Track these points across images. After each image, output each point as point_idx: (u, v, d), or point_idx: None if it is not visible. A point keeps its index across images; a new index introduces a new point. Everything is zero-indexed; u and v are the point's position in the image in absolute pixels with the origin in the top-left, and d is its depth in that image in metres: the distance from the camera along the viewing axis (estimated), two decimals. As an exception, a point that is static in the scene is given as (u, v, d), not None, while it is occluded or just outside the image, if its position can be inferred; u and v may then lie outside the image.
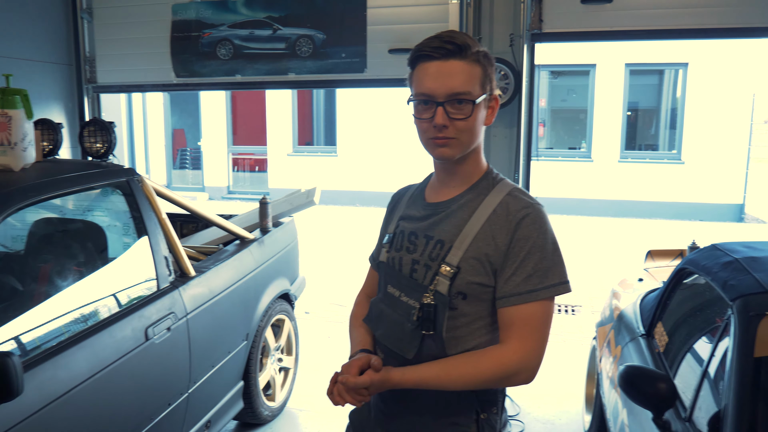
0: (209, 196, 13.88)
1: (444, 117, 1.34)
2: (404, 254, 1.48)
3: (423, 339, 1.39)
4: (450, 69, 1.34)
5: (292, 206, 4.02)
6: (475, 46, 1.36)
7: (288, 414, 3.75)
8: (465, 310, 1.38)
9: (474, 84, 1.35)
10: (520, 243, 1.34)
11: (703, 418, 1.79)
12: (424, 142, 1.41)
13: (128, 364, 2.26)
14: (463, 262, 1.36)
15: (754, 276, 1.88)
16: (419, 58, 1.38)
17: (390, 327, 1.47)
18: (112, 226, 2.64)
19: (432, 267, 1.40)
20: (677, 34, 4.18)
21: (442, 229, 1.42)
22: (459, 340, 1.39)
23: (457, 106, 1.34)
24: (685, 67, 11.33)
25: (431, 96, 1.35)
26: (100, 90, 5.15)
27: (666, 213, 11.32)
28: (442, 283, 1.37)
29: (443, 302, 1.37)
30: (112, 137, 2.67)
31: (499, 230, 1.36)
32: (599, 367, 3.09)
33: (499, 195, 1.40)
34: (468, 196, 1.43)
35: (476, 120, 1.37)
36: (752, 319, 1.72)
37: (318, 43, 4.59)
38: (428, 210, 1.49)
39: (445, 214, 1.44)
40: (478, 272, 1.36)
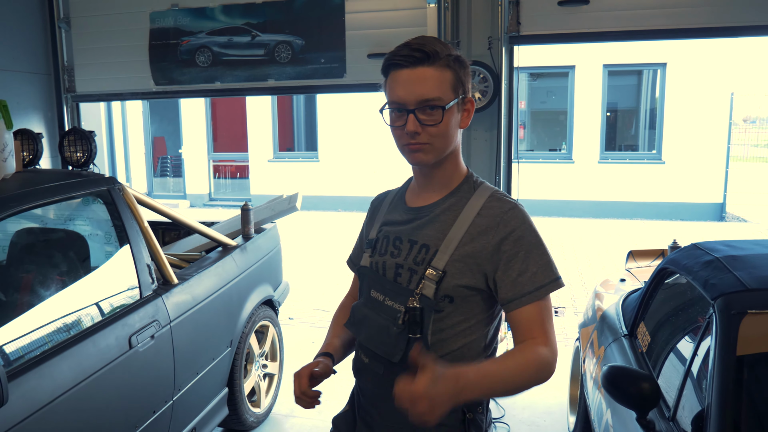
0: (191, 203, 13.78)
1: (415, 124, 1.35)
2: (388, 258, 1.48)
3: (409, 342, 1.39)
4: (419, 76, 1.35)
5: (274, 212, 4.00)
6: (445, 51, 1.37)
7: (273, 420, 3.74)
8: (451, 313, 1.39)
9: (444, 89, 1.36)
10: (516, 244, 1.36)
11: (686, 418, 1.80)
12: (400, 148, 1.43)
13: (112, 372, 2.24)
14: (450, 265, 1.37)
15: (735, 274, 1.89)
16: (390, 66, 1.39)
17: (374, 331, 1.46)
18: (94, 235, 2.61)
19: (417, 271, 1.41)
20: (654, 34, 4.23)
21: (426, 234, 1.43)
22: (445, 342, 1.40)
23: (428, 112, 1.35)
24: (664, 67, 11.45)
25: (402, 104, 1.36)
26: (80, 99, 5.10)
27: (647, 213, 11.44)
28: (428, 287, 1.38)
29: (429, 306, 1.38)
30: (92, 146, 2.65)
31: (486, 232, 1.37)
32: (583, 368, 3.11)
33: (482, 198, 1.42)
34: (450, 200, 1.45)
35: (448, 125, 1.38)
36: (734, 317, 1.73)
37: (297, 49, 4.59)
38: (410, 214, 1.50)
39: (428, 219, 1.45)
40: (464, 275, 1.37)
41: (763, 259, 1.99)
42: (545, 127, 13.21)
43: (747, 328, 1.70)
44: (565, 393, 3.74)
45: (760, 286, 1.80)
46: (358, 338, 1.55)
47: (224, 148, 14.43)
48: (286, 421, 3.74)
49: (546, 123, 13.19)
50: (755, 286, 1.80)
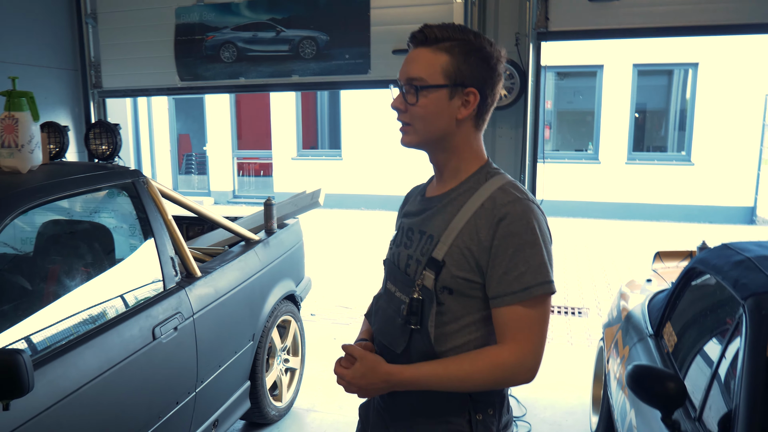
0: (215, 200, 13.91)
1: (398, 100, 1.39)
2: (402, 250, 1.49)
3: (411, 334, 1.39)
4: (414, 56, 1.37)
5: (297, 208, 4.01)
6: (453, 37, 1.35)
7: (295, 414, 3.75)
8: (452, 306, 1.36)
9: (432, 72, 1.34)
10: (508, 239, 1.31)
11: (713, 418, 1.76)
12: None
13: (136, 362, 2.26)
14: (448, 256, 1.35)
15: (767, 274, 1.85)
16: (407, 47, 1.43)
17: (384, 322, 1.49)
18: (119, 228, 2.64)
19: (422, 262, 1.40)
20: (685, 31, 4.14)
21: (433, 224, 1.42)
22: (448, 336, 1.37)
23: (410, 93, 1.37)
24: (695, 67, 11.22)
25: (398, 81, 1.41)
26: (106, 95, 5.16)
27: (675, 215, 11.23)
28: (428, 278, 1.37)
29: (429, 297, 1.37)
30: (117, 139, 2.68)
31: (483, 225, 1.33)
32: (606, 368, 3.07)
33: (490, 189, 1.37)
34: (460, 189, 1.42)
35: (428, 108, 1.36)
36: (765, 317, 1.69)
37: (321, 45, 4.59)
38: (423, 205, 1.50)
39: (437, 209, 1.44)
40: (462, 267, 1.34)
41: (795, 259, 1.94)
42: (571, 128, 13.06)
43: (778, 328, 1.65)
44: (588, 393, 3.69)
45: (792, 286, 1.75)
46: (373, 329, 1.57)
47: (248, 146, 14.56)
48: (307, 415, 3.75)
49: (572, 123, 13.03)
50: (787, 286, 1.75)
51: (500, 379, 1.32)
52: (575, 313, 5.80)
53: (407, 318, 1.39)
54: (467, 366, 1.32)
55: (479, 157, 1.45)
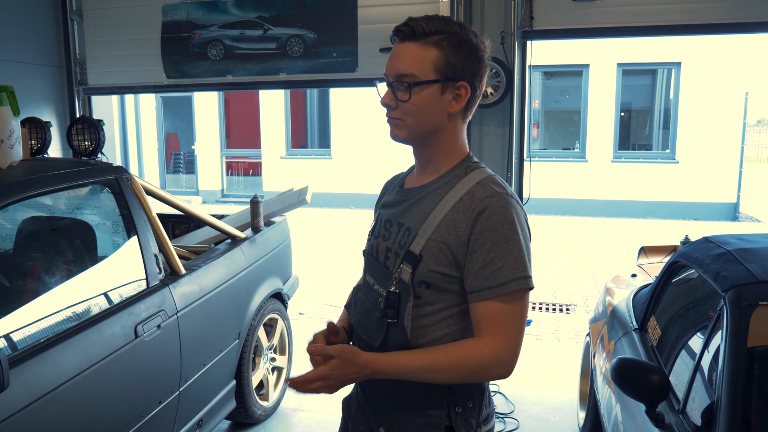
0: (203, 199, 13.85)
1: (389, 97, 1.37)
2: (381, 242, 1.47)
3: (388, 327, 1.38)
4: (401, 51, 1.35)
5: (284, 205, 4.00)
6: (441, 30, 1.33)
7: (281, 414, 3.73)
8: (429, 299, 1.36)
9: (423, 67, 1.33)
10: (485, 234, 1.30)
11: (696, 410, 1.77)
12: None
13: (117, 361, 2.24)
14: (425, 250, 1.34)
15: (746, 267, 1.87)
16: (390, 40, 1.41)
17: (362, 315, 1.48)
18: (102, 224, 2.62)
19: (400, 255, 1.39)
20: (669, 30, 4.18)
21: (411, 216, 1.41)
22: (425, 329, 1.37)
23: (402, 89, 1.34)
24: (678, 67, 11.35)
25: (386, 77, 1.38)
26: (91, 92, 5.11)
27: (660, 212, 11.34)
28: (405, 272, 1.36)
29: (406, 290, 1.36)
30: (100, 135, 2.65)
31: (462, 219, 1.32)
32: (593, 363, 3.08)
33: (469, 183, 1.36)
34: (438, 183, 1.41)
35: (421, 104, 1.34)
36: (745, 309, 1.71)
37: (309, 43, 4.58)
38: (401, 195, 1.48)
39: (414, 201, 1.43)
40: (439, 261, 1.33)
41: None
42: (558, 127, 13.13)
43: (758, 320, 1.68)
44: (575, 389, 3.71)
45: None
46: (352, 321, 1.55)
47: (237, 145, 14.50)
48: (294, 414, 3.74)
49: (559, 122, 13.11)
50: (767, 278, 1.77)
51: (474, 373, 1.31)
52: (563, 309, 5.83)
53: (384, 311, 1.38)
54: (442, 357, 1.31)
55: (461, 151, 1.44)
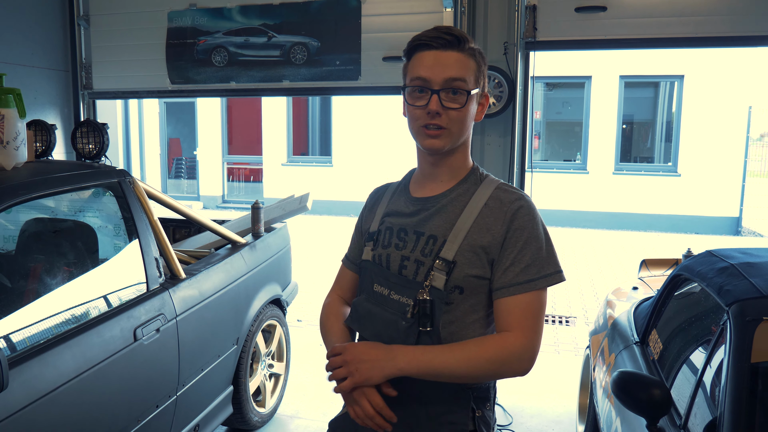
0: (204, 205, 13.86)
1: (438, 104, 1.35)
2: (392, 251, 1.45)
3: (419, 335, 1.37)
4: (447, 59, 1.36)
5: (285, 211, 3.99)
6: (471, 42, 1.41)
7: (278, 420, 3.71)
8: (460, 304, 1.38)
9: (469, 76, 1.38)
10: (517, 234, 1.36)
11: (698, 426, 1.75)
12: (415, 130, 1.41)
13: (116, 364, 2.23)
14: (459, 255, 1.36)
15: (751, 281, 1.85)
16: (417, 47, 1.40)
17: (381, 326, 1.43)
18: (103, 227, 2.62)
19: (425, 263, 1.39)
20: (672, 42, 4.19)
21: (434, 225, 1.42)
22: (454, 335, 1.38)
23: (452, 96, 1.36)
24: (681, 80, 11.35)
25: (427, 82, 1.36)
26: (96, 96, 5.14)
27: (662, 225, 11.32)
28: (438, 279, 1.36)
29: (440, 297, 1.36)
30: (104, 138, 2.66)
31: (494, 221, 1.37)
32: (593, 376, 3.06)
33: (489, 189, 1.42)
34: (458, 190, 1.44)
35: (468, 112, 1.39)
36: (749, 324, 1.69)
37: (312, 51, 4.60)
38: (417, 205, 1.47)
39: (435, 210, 1.43)
40: (474, 265, 1.36)
41: (779, 266, 1.95)
42: (560, 138, 13.14)
43: (762, 335, 1.66)
44: (574, 402, 3.69)
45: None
46: (362, 334, 1.51)
47: (239, 151, 14.52)
48: (291, 422, 3.72)
49: (561, 134, 13.12)
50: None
51: (504, 365, 1.32)
52: (562, 321, 5.81)
53: (418, 320, 1.36)
54: (473, 347, 1.33)
55: (470, 159, 1.50)
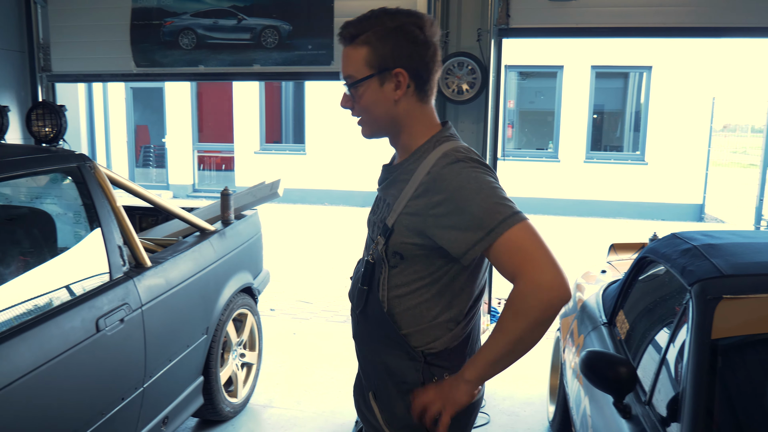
0: (174, 194, 13.65)
1: (345, 99, 1.48)
2: (372, 217, 1.58)
3: (367, 296, 1.48)
4: (343, 55, 1.45)
5: (256, 198, 3.94)
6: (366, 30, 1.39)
7: (251, 410, 3.68)
8: (404, 269, 1.42)
9: (358, 66, 1.41)
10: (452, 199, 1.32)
11: (662, 401, 1.80)
12: None
13: (77, 356, 2.16)
14: (398, 222, 1.41)
15: (712, 261, 1.90)
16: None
17: (353, 284, 1.59)
18: (62, 215, 2.54)
19: (379, 227, 1.48)
20: (640, 32, 4.25)
21: (390, 192, 1.49)
22: (400, 299, 1.44)
23: (351, 90, 1.45)
24: (649, 71, 11.55)
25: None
26: (55, 79, 4.97)
27: (629, 212, 11.53)
28: (380, 243, 1.44)
29: (380, 260, 1.44)
30: (62, 121, 2.57)
31: (428, 190, 1.36)
32: (563, 357, 3.10)
33: (436, 155, 1.40)
34: (410, 160, 1.46)
35: (368, 99, 1.42)
36: (709, 302, 1.74)
37: (284, 35, 4.53)
38: (386, 173, 1.57)
39: (394, 177, 1.50)
40: (409, 233, 1.39)
41: (739, 248, 2.02)
42: (533, 127, 13.26)
43: (722, 312, 1.71)
44: (545, 383, 3.73)
45: (735, 272, 1.82)
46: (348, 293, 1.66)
47: (209, 139, 14.32)
48: (264, 411, 3.69)
49: (534, 123, 13.23)
50: (731, 273, 1.81)
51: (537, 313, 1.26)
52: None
53: (360, 279, 1.49)
54: (503, 318, 1.31)
55: (430, 127, 1.47)
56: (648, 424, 1.78)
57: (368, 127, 1.48)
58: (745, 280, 1.79)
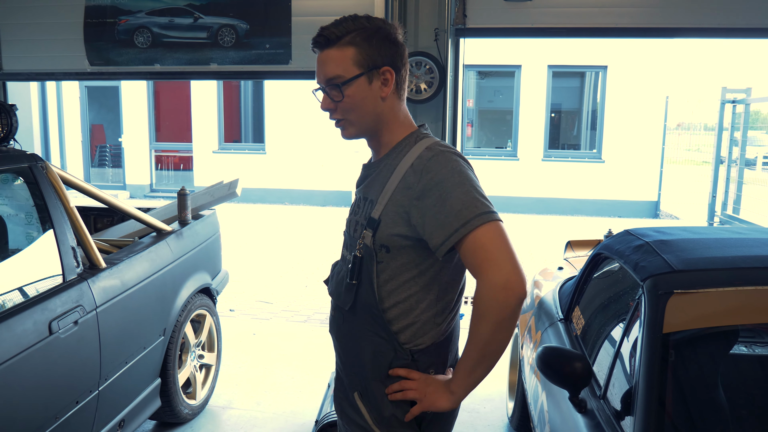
0: (131, 194, 13.36)
1: (326, 101, 1.48)
2: (352, 217, 1.59)
3: (357, 290, 1.48)
4: (324, 58, 1.46)
5: (213, 198, 3.89)
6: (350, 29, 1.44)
7: (209, 412, 3.64)
8: (391, 262, 1.45)
9: (346, 66, 1.44)
10: (436, 189, 1.37)
11: (616, 395, 1.83)
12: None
13: (29, 359, 2.11)
14: (384, 215, 1.44)
15: (663, 257, 1.94)
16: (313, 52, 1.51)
17: (337, 283, 1.59)
18: (13, 216, 2.47)
19: (363, 224, 1.49)
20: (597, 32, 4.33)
21: (372, 189, 1.51)
22: (390, 292, 1.46)
23: (334, 91, 1.45)
24: (605, 70, 11.80)
25: (319, 85, 1.49)
26: (6, 77, 4.81)
27: (587, 210, 11.78)
28: (367, 236, 1.46)
29: (369, 254, 1.46)
30: (12, 120, 2.50)
31: (413, 182, 1.40)
32: (521, 353, 3.15)
33: (418, 150, 1.45)
34: (392, 155, 1.51)
35: (355, 98, 1.45)
36: (661, 297, 1.77)
37: (241, 33, 4.48)
38: (364, 172, 1.60)
39: (374, 174, 1.53)
40: (396, 224, 1.42)
41: (690, 243, 2.06)
42: (492, 126, 13.41)
43: (673, 307, 1.74)
44: (504, 380, 3.78)
45: (686, 268, 1.85)
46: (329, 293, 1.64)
47: (167, 138, 14.04)
48: (223, 412, 3.65)
49: (493, 122, 13.39)
50: (682, 268, 1.85)
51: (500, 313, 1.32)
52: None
53: (348, 275, 1.49)
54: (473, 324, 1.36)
55: (409, 125, 1.54)
56: (603, 418, 1.82)
57: (352, 127, 1.50)
58: (696, 275, 1.82)
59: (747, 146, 8.52)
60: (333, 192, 12.34)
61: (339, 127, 1.52)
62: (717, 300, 1.75)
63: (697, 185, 12.12)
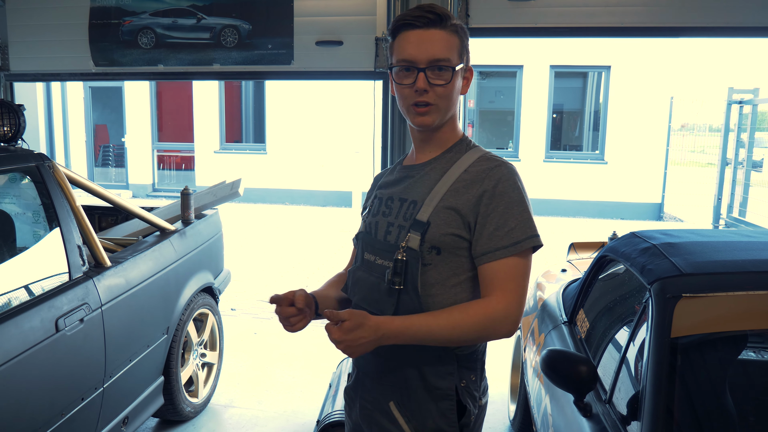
0: (133, 193, 13.38)
1: (425, 81, 1.40)
2: (380, 218, 1.52)
3: (399, 296, 1.42)
4: (430, 37, 1.39)
5: (216, 198, 3.90)
6: (453, 19, 1.42)
7: (212, 410, 3.64)
8: (439, 265, 1.41)
9: (453, 52, 1.41)
10: (497, 198, 1.38)
11: (622, 400, 1.82)
12: (405, 109, 1.46)
13: (36, 356, 2.12)
14: (434, 216, 1.40)
15: (671, 260, 1.92)
16: (401, 27, 1.42)
17: (367, 290, 1.50)
18: (21, 214, 2.48)
19: (405, 226, 1.44)
20: (600, 31, 4.31)
21: (416, 191, 1.47)
22: (435, 297, 1.41)
23: (437, 73, 1.40)
24: (608, 70, 11.73)
25: (413, 62, 1.40)
26: (14, 78, 4.84)
27: (589, 211, 11.73)
28: (413, 239, 1.41)
29: (414, 257, 1.40)
30: (20, 120, 2.51)
31: (470, 186, 1.40)
32: (523, 356, 3.14)
33: (471, 157, 1.46)
34: (442, 159, 1.49)
35: (454, 87, 1.43)
36: (669, 300, 1.75)
37: (243, 34, 4.49)
38: (403, 173, 1.55)
39: (419, 176, 1.49)
40: (450, 224, 1.39)
41: (698, 246, 2.04)
42: (493, 126, 13.40)
43: (681, 311, 1.72)
44: (506, 382, 3.78)
45: (694, 271, 1.83)
46: (353, 300, 1.57)
47: (169, 138, 14.06)
48: (224, 411, 3.66)
49: (494, 122, 13.37)
50: (690, 271, 1.83)
51: (487, 329, 1.35)
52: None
53: (392, 279, 1.41)
54: (457, 314, 1.35)
55: (459, 130, 1.54)
56: (608, 423, 1.80)
57: (438, 114, 1.44)
58: (705, 278, 1.80)
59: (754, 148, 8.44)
60: (333, 192, 12.33)
61: (421, 113, 1.43)
62: (726, 304, 1.73)
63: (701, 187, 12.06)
